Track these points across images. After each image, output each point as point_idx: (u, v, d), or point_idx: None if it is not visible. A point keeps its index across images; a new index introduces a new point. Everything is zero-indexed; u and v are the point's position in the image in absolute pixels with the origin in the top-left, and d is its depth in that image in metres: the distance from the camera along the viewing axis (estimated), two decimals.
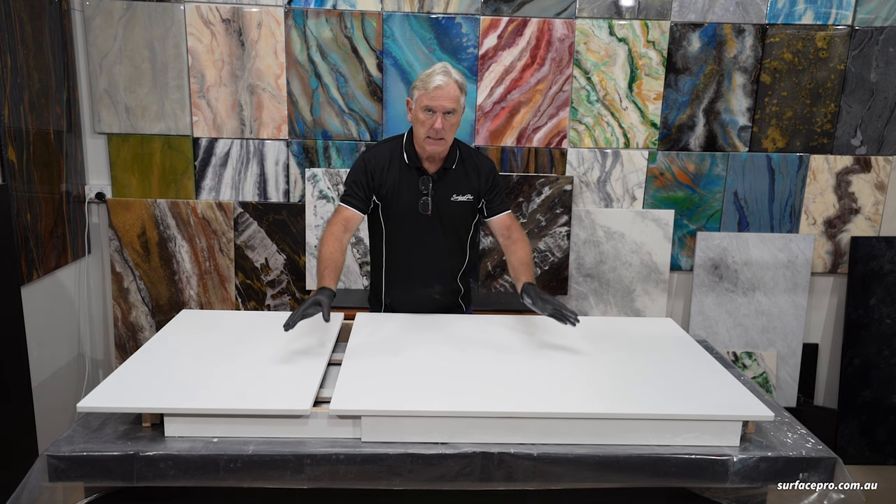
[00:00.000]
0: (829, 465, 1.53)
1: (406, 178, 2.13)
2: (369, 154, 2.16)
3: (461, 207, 2.18)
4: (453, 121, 2.04)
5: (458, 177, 2.16)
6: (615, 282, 3.30)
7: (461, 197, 2.17)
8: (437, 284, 2.26)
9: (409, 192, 2.13)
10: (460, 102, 2.05)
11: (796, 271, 3.30)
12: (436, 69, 2.03)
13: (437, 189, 2.14)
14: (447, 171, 2.15)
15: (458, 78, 2.04)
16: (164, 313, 3.20)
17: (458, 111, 2.05)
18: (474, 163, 2.19)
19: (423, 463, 1.49)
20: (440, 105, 2.00)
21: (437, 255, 2.22)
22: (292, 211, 3.19)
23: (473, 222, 2.25)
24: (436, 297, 2.26)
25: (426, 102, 2.01)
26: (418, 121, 2.05)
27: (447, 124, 2.02)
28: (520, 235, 2.20)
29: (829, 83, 3.14)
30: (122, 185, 3.13)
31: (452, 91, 2.01)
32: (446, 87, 1.99)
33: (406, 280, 2.24)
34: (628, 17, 3.07)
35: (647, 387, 1.66)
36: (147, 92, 3.05)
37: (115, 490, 1.52)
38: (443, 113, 2.01)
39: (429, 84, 2.00)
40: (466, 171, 2.17)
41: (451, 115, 2.03)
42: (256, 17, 3.01)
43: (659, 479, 1.51)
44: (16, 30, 2.54)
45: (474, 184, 2.18)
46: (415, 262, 2.22)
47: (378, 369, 1.73)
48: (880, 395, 3.30)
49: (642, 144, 3.20)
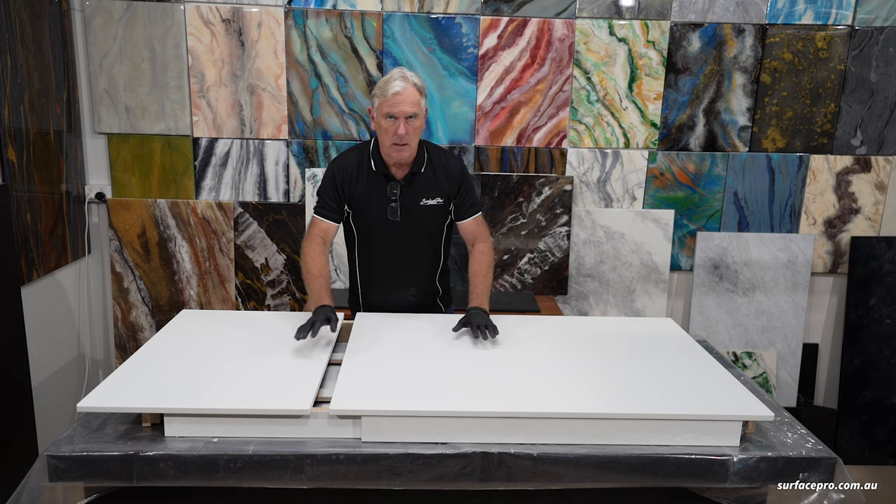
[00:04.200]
0: (829, 465, 1.53)
1: (374, 186, 2.12)
2: (336, 164, 2.15)
3: (431, 211, 2.16)
4: (416, 125, 2.03)
5: (426, 180, 2.14)
6: (615, 282, 3.30)
7: (431, 201, 2.15)
8: (412, 287, 2.26)
9: (378, 199, 2.12)
10: (421, 106, 2.03)
11: (796, 271, 3.30)
12: (393, 75, 2.01)
13: (406, 194, 2.12)
14: (415, 176, 2.12)
15: (416, 81, 2.02)
16: (164, 313, 3.20)
17: (420, 115, 2.04)
18: (443, 165, 2.16)
19: (423, 463, 1.49)
20: (401, 111, 1.98)
21: (410, 260, 2.22)
22: (292, 211, 3.19)
23: (446, 223, 2.23)
24: (412, 300, 2.26)
25: (387, 109, 1.99)
26: (381, 129, 2.03)
27: (410, 129, 2.01)
28: (483, 246, 2.18)
29: (829, 83, 3.14)
30: (122, 185, 3.13)
31: (412, 95, 1.99)
32: (405, 91, 1.98)
33: (381, 285, 2.25)
34: (628, 17, 3.07)
35: (647, 387, 1.66)
36: (147, 92, 3.05)
37: (115, 490, 1.51)
38: (405, 118, 1.99)
39: (387, 91, 1.98)
40: (435, 173, 2.15)
41: (414, 120, 2.01)
42: (256, 17, 3.01)
43: (659, 479, 1.51)
44: (16, 30, 2.54)
45: (444, 186, 2.15)
46: (388, 268, 2.22)
47: (378, 369, 1.73)
48: (880, 395, 3.30)
49: (642, 144, 3.20)
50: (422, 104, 2.04)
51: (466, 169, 2.22)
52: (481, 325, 1.92)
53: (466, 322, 1.96)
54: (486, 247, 2.19)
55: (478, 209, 2.22)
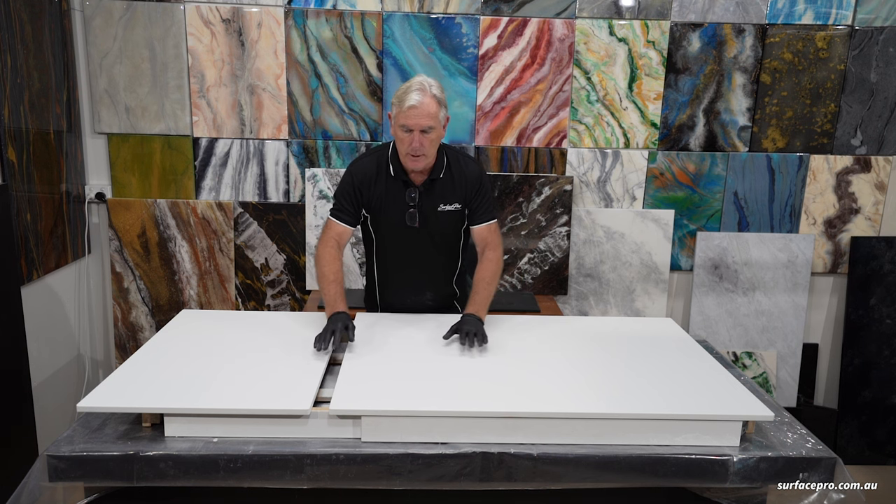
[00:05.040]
0: (829, 465, 1.53)
1: (393, 191, 2.10)
2: (356, 167, 2.12)
3: (449, 217, 2.14)
4: (433, 137, 1.98)
5: (445, 186, 2.11)
6: (615, 282, 3.30)
7: (448, 206, 2.12)
8: (429, 291, 2.25)
9: (396, 204, 2.10)
10: (439, 118, 1.99)
11: (796, 271, 3.30)
12: (412, 85, 1.97)
13: (424, 200, 2.10)
14: (434, 182, 2.10)
15: (436, 93, 1.98)
16: (164, 313, 3.20)
17: (438, 127, 1.99)
18: (461, 170, 2.13)
19: (423, 463, 1.49)
20: (416, 123, 1.94)
21: (427, 265, 2.21)
22: (292, 211, 3.19)
23: (463, 228, 2.21)
24: (429, 304, 2.26)
25: (402, 121, 1.96)
26: (398, 138, 2.01)
27: (426, 141, 1.97)
28: (492, 255, 2.14)
29: (829, 83, 3.14)
30: (122, 185, 3.13)
31: (429, 108, 1.95)
32: (421, 106, 1.93)
33: (398, 288, 2.24)
34: (628, 17, 3.07)
35: (647, 387, 1.66)
36: (147, 92, 3.05)
37: (115, 490, 1.51)
38: (420, 131, 1.96)
39: (404, 103, 1.95)
40: (454, 179, 2.12)
41: (430, 132, 1.97)
42: (256, 17, 3.01)
43: (659, 479, 1.51)
44: (16, 30, 2.54)
45: (461, 192, 2.12)
46: (406, 272, 2.21)
47: (378, 369, 1.73)
48: (880, 395, 3.30)
49: (642, 144, 3.20)
50: (440, 116, 1.99)
51: (485, 173, 2.19)
52: (470, 332, 1.89)
53: (457, 328, 1.94)
54: (496, 255, 2.14)
55: (492, 216, 2.17)
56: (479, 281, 2.10)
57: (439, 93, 2.00)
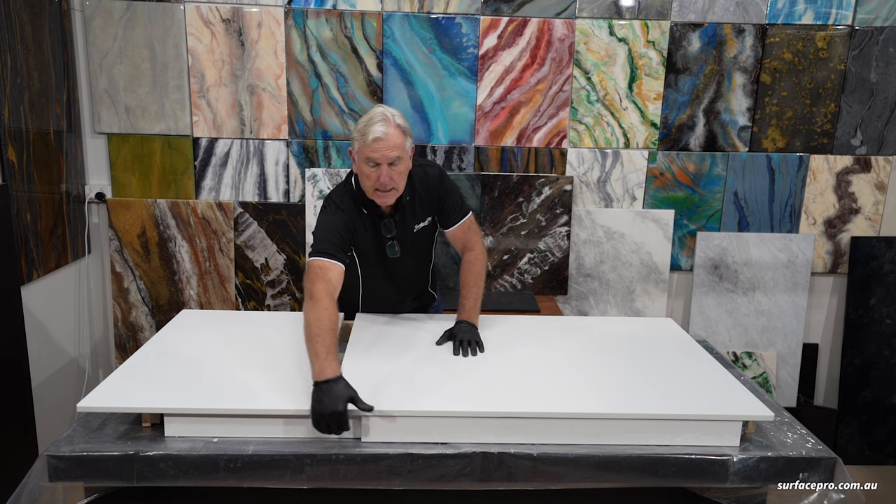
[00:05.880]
0: (829, 465, 1.53)
1: (370, 227, 2.01)
2: (342, 204, 1.99)
3: (424, 232, 2.08)
4: (401, 168, 1.88)
5: (414, 205, 2.03)
6: (615, 282, 3.30)
7: (422, 223, 2.06)
8: (409, 296, 2.25)
9: (373, 236, 2.02)
10: (406, 148, 1.88)
11: (796, 271, 3.30)
12: (374, 116, 1.86)
13: (400, 227, 2.02)
14: (404, 206, 2.01)
15: (399, 122, 1.88)
16: (164, 313, 3.20)
17: (405, 158, 1.89)
18: (423, 179, 2.03)
19: (423, 463, 1.49)
20: (383, 156, 1.83)
21: (407, 278, 2.17)
22: (292, 211, 3.19)
23: (436, 233, 2.16)
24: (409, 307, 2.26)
25: (368, 154, 1.84)
26: (363, 174, 1.89)
27: (395, 174, 1.87)
28: (472, 255, 2.08)
29: (829, 83, 3.14)
30: (122, 185, 3.13)
31: (394, 139, 1.84)
32: (386, 137, 1.83)
33: (380, 300, 2.20)
34: (628, 17, 3.07)
35: (647, 387, 1.66)
36: (147, 92, 3.05)
37: (115, 490, 1.52)
38: (387, 163, 1.85)
39: (367, 136, 1.83)
40: (419, 193, 2.03)
41: (399, 163, 1.87)
42: (256, 17, 3.01)
43: (659, 479, 1.51)
44: (16, 30, 2.54)
45: (428, 203, 2.05)
46: (387, 288, 2.17)
47: (378, 369, 1.73)
48: (880, 395, 3.30)
49: (642, 144, 3.20)
50: (406, 146, 1.89)
51: (444, 173, 2.08)
52: (465, 340, 1.87)
53: (451, 336, 1.92)
54: (476, 255, 2.09)
55: (463, 213, 2.09)
56: (465, 285, 2.05)
57: (403, 122, 1.90)
